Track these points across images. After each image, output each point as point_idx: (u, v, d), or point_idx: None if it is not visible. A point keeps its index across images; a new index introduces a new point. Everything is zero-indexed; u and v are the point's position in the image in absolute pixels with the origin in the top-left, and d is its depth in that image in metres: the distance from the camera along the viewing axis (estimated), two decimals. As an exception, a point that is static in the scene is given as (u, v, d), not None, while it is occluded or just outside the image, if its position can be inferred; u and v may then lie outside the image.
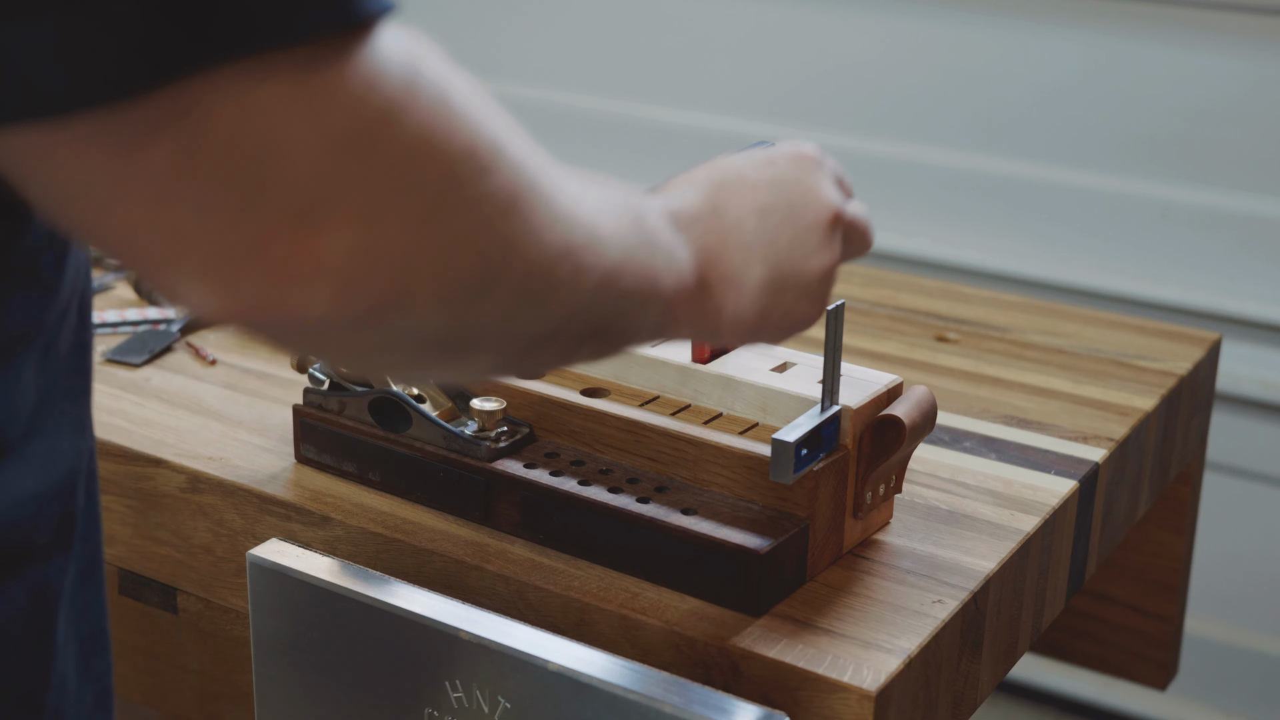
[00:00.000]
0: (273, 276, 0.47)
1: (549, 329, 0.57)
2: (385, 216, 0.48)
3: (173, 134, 0.45)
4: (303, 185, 0.46)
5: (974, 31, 1.99)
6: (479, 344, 0.55)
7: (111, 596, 1.06)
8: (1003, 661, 0.94)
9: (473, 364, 0.57)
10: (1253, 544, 1.96)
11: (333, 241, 0.47)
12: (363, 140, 0.47)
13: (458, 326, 0.53)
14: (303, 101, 0.46)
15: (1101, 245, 1.97)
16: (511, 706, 0.81)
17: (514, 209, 0.52)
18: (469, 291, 0.52)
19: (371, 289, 0.48)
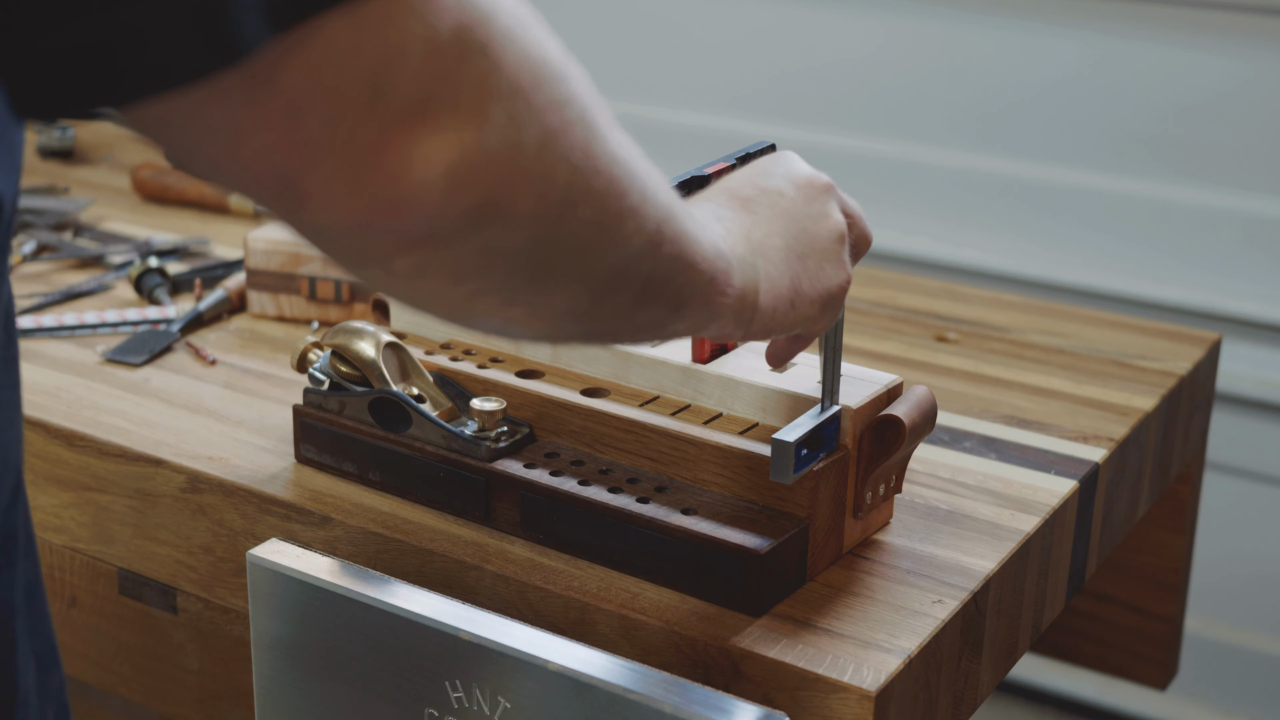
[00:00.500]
0: (394, 170, 0.51)
1: (620, 262, 0.60)
2: (488, 113, 0.52)
3: (297, 61, 0.49)
4: (416, 85, 0.50)
5: (974, 31, 1.99)
6: (563, 272, 0.58)
7: (111, 596, 1.06)
8: (1003, 661, 0.94)
9: (557, 298, 0.60)
10: (1253, 544, 1.96)
11: (444, 136, 0.51)
12: (464, 39, 0.51)
13: (546, 244, 0.56)
14: (406, 7, 0.50)
15: (1101, 245, 1.97)
16: (511, 706, 0.81)
17: (591, 121, 0.57)
18: (558, 201, 0.55)
19: (478, 184, 0.52)
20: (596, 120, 0.57)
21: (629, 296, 0.62)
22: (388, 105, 0.50)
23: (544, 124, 0.54)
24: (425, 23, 0.50)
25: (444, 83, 0.51)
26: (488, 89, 0.52)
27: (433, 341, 1.03)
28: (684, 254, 0.64)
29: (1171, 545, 1.32)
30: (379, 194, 0.51)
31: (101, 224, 1.51)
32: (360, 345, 0.96)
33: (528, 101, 0.53)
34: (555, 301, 0.60)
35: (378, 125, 0.50)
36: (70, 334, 1.22)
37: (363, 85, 0.50)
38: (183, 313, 1.25)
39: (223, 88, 0.48)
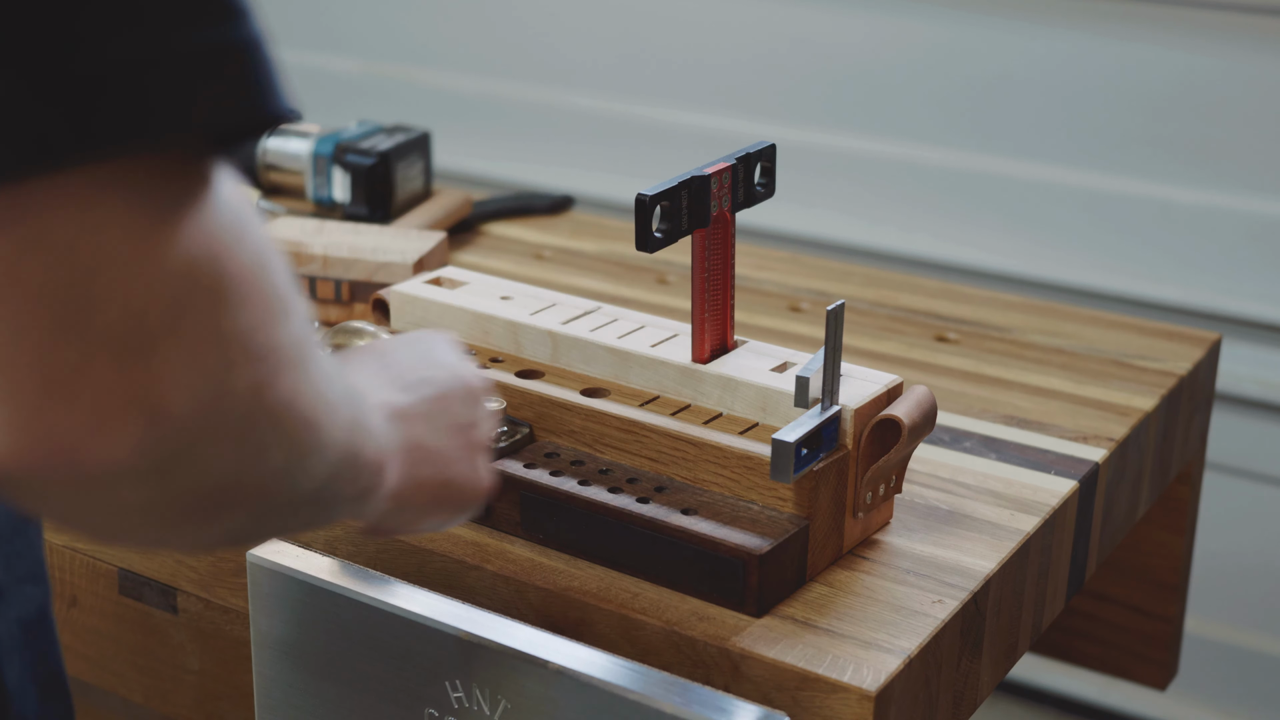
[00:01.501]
0: (85, 409, 0.44)
1: (296, 496, 0.57)
2: (202, 358, 0.47)
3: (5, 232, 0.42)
4: (134, 313, 0.44)
5: (974, 32, 1.99)
6: (236, 507, 0.54)
7: (111, 596, 1.06)
8: (1003, 661, 0.94)
9: (216, 528, 0.55)
10: (1253, 544, 1.96)
11: (151, 375, 0.45)
12: (197, 274, 0.46)
13: (231, 485, 0.52)
14: (148, 222, 0.44)
15: (1101, 245, 1.97)
16: (511, 706, 0.81)
17: (303, 360, 0.53)
18: (253, 449, 0.51)
19: (175, 432, 0.47)
20: (308, 357, 0.53)
21: (294, 509, 0.59)
22: (96, 329, 0.44)
23: (256, 371, 0.50)
24: (162, 245, 0.44)
25: (168, 317, 0.45)
26: (209, 333, 0.47)
27: (433, 341, 1.03)
28: (355, 468, 0.62)
29: (1171, 545, 1.32)
30: (60, 432, 0.45)
31: (101, 224, 1.51)
32: (360, 345, 0.96)
33: (245, 348, 0.49)
34: (217, 529, 0.55)
35: (76, 350, 0.44)
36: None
37: (69, 295, 0.43)
38: None
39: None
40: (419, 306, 1.03)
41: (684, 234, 0.89)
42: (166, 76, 0.42)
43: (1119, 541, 1.14)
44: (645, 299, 1.32)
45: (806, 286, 1.37)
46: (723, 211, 0.91)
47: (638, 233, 0.86)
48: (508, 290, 1.05)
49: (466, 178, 2.33)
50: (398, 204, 1.42)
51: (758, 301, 1.32)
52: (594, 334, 0.97)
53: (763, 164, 0.94)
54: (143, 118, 0.43)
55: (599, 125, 2.27)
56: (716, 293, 0.93)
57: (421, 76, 2.42)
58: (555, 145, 2.32)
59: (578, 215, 1.57)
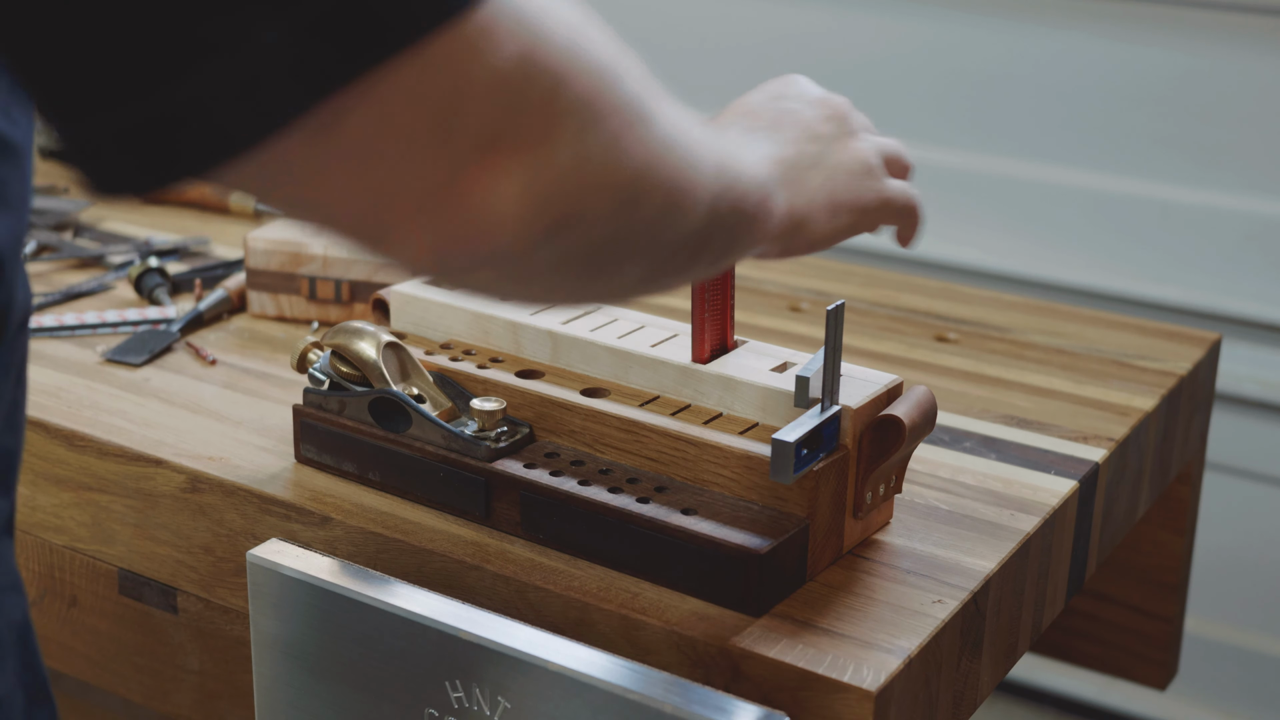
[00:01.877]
0: (468, 206, 0.52)
1: (684, 234, 0.62)
2: (556, 134, 0.53)
3: (364, 106, 0.49)
4: (483, 121, 0.51)
5: (974, 32, 1.99)
6: (631, 255, 0.60)
7: (111, 596, 1.06)
8: (1003, 661, 0.94)
9: (625, 277, 0.62)
10: (1253, 544, 1.96)
11: (516, 165, 0.52)
12: (526, 67, 0.52)
13: (616, 240, 0.58)
14: (468, 47, 0.50)
15: (1101, 245, 1.97)
16: (511, 706, 0.81)
17: (649, 114, 0.58)
18: (625, 201, 0.57)
19: (551, 206, 0.54)
20: (653, 111, 0.58)
21: (689, 254, 0.64)
22: (457, 143, 0.51)
23: (607, 131, 0.55)
24: (487, 57, 0.51)
25: (511, 114, 0.52)
26: (554, 111, 0.53)
27: (433, 342, 1.03)
28: (736, 203, 0.67)
29: (1171, 545, 1.32)
30: (455, 230, 0.53)
31: (101, 224, 1.51)
32: (360, 345, 0.96)
33: (592, 113, 0.55)
34: (623, 278, 0.62)
35: (448, 164, 0.51)
36: (70, 334, 1.22)
37: (431, 126, 0.51)
38: (183, 313, 1.25)
39: (294, 137, 0.49)
40: (419, 306, 1.03)
41: (684, 234, 0.89)
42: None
43: (1119, 541, 1.14)
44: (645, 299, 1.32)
45: (806, 286, 1.37)
46: (723, 211, 0.91)
47: (638, 233, 0.86)
48: (508, 290, 1.05)
49: (466, 178, 2.32)
50: (398, 204, 1.42)
51: (758, 301, 1.32)
52: (594, 334, 0.97)
53: (763, 164, 0.93)
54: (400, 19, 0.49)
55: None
56: (716, 293, 0.93)
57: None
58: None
59: (578, 215, 1.57)
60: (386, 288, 1.07)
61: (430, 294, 1.04)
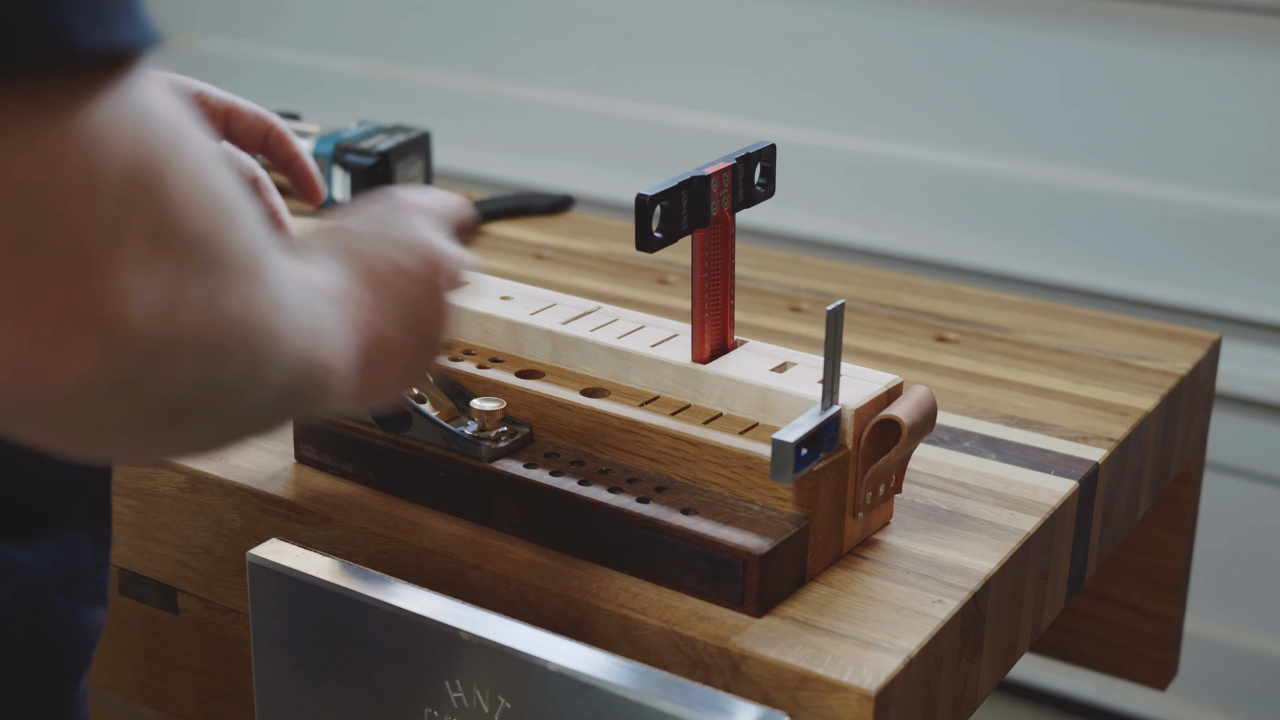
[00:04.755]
0: (43, 329, 0.45)
1: (260, 402, 0.57)
2: (154, 267, 0.47)
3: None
4: (74, 232, 0.44)
5: (974, 32, 1.99)
6: (202, 417, 0.54)
7: (111, 596, 1.06)
8: (1003, 661, 0.94)
9: (189, 435, 0.55)
10: (1253, 544, 1.96)
11: (107, 291, 0.46)
12: (137, 184, 0.46)
13: (193, 396, 0.52)
14: (76, 136, 0.44)
15: (1101, 245, 1.97)
16: (511, 706, 0.81)
17: (257, 267, 0.53)
18: (213, 356, 0.52)
19: (141, 341, 0.48)
20: (262, 264, 0.53)
21: (265, 417, 0.60)
22: (42, 250, 0.44)
23: (210, 281, 0.50)
24: (94, 158, 0.44)
25: (107, 233, 0.45)
26: (158, 243, 0.47)
27: (433, 341, 1.03)
28: (317, 379, 0.61)
29: (1171, 545, 1.32)
30: (20, 351, 0.45)
31: (101, 224, 1.51)
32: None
33: (197, 256, 0.49)
34: (186, 437, 0.56)
35: (23, 274, 0.44)
36: (70, 334, 1.22)
37: (10, 221, 0.43)
38: None
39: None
40: (419, 306, 1.03)
41: (684, 234, 0.89)
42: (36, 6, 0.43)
43: (1119, 541, 1.14)
44: (645, 299, 1.32)
45: (806, 286, 1.37)
46: (723, 211, 0.91)
47: (638, 233, 0.86)
48: (508, 290, 1.05)
49: (466, 178, 2.33)
50: (398, 204, 1.42)
51: (758, 301, 1.32)
52: (594, 334, 0.97)
53: (763, 164, 0.94)
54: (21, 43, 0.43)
55: (599, 125, 2.27)
56: (716, 293, 0.93)
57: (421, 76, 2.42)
58: (555, 145, 2.32)
59: (578, 215, 1.57)
60: (386, 288, 1.07)
61: (430, 294, 1.04)
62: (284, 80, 2.54)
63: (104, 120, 0.45)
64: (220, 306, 0.51)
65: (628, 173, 2.23)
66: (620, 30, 2.24)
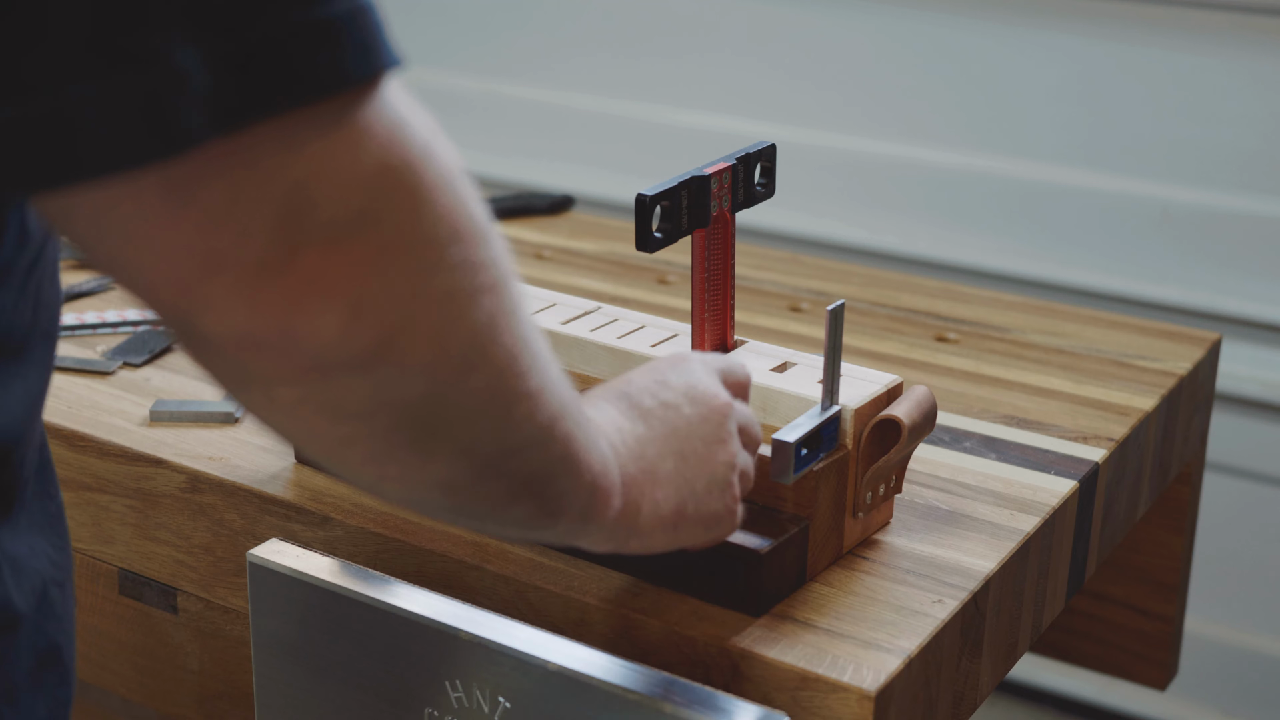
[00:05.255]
0: (296, 293, 0.50)
1: (506, 446, 0.59)
2: (399, 254, 0.51)
3: (223, 169, 0.48)
4: (333, 211, 0.50)
5: (974, 32, 1.99)
6: (446, 438, 0.57)
7: (111, 596, 1.06)
8: (1003, 661, 0.94)
9: (434, 467, 0.58)
10: (1253, 544, 1.96)
11: (353, 268, 0.50)
12: (392, 179, 0.51)
13: (434, 403, 0.55)
14: (339, 140, 0.49)
15: (1101, 245, 1.97)
16: (511, 706, 0.81)
17: (504, 292, 0.56)
18: (454, 360, 0.55)
19: (376, 323, 0.52)
20: (509, 293, 0.57)
21: (507, 486, 0.61)
22: (302, 227, 0.49)
23: (454, 280, 0.54)
24: (358, 154, 0.50)
25: (363, 217, 0.50)
26: (405, 232, 0.51)
27: (433, 341, 1.03)
28: (571, 459, 0.63)
29: (1171, 545, 1.32)
30: (277, 314, 0.50)
31: (101, 224, 1.51)
32: None
33: (442, 254, 0.53)
34: (432, 470, 0.58)
35: (288, 245, 0.49)
36: (70, 334, 1.22)
37: (281, 203, 0.49)
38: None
39: (142, 184, 0.47)
40: (419, 306, 1.03)
41: (684, 234, 0.89)
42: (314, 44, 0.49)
43: (1119, 541, 1.14)
44: (645, 299, 1.32)
45: (806, 286, 1.37)
46: (723, 211, 0.91)
47: (638, 233, 0.86)
48: (508, 290, 1.05)
49: (466, 178, 2.32)
50: (398, 204, 1.42)
51: (758, 301, 1.32)
52: (594, 334, 0.97)
53: (763, 164, 0.94)
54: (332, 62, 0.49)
55: (599, 125, 2.27)
56: (716, 293, 0.93)
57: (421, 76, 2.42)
58: (555, 145, 2.32)
59: (578, 215, 1.57)
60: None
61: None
62: (284, 80, 2.54)
63: (364, 125, 0.50)
64: (463, 308, 0.54)
65: (628, 173, 2.23)
66: (620, 30, 2.24)
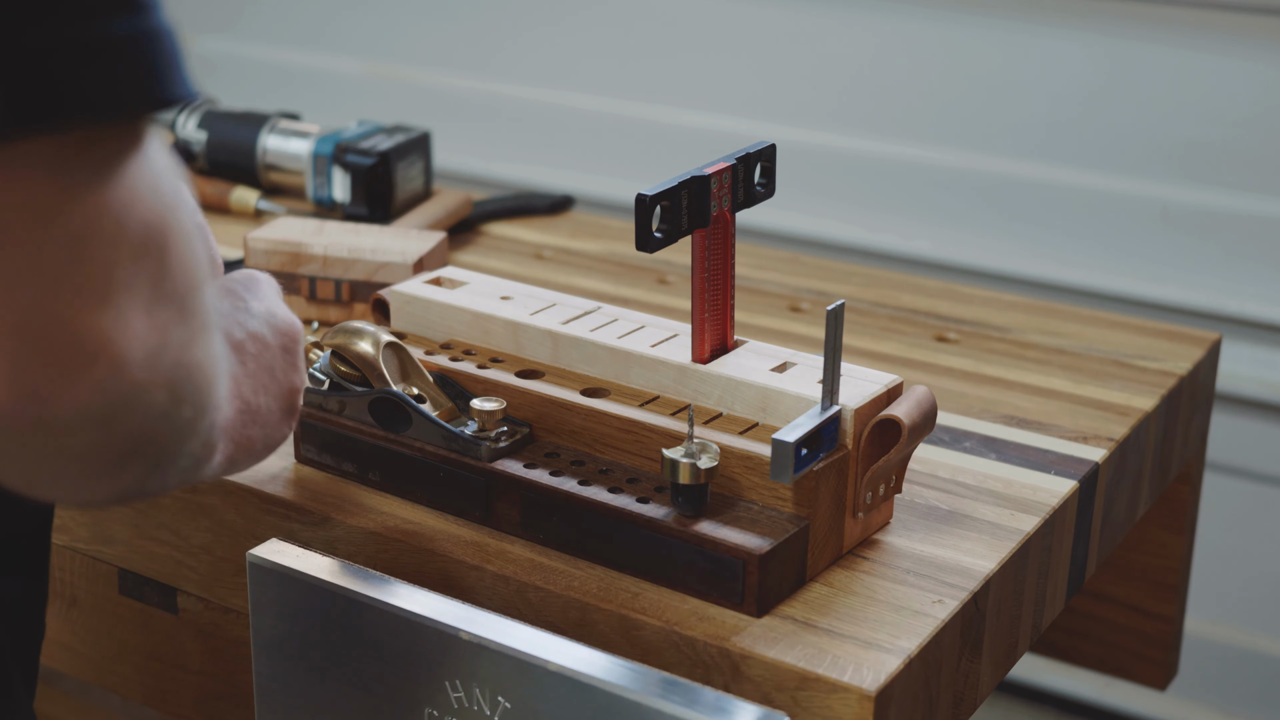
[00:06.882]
0: (58, 355, 0.50)
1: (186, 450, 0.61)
2: (155, 309, 0.53)
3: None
4: (103, 271, 0.50)
5: (974, 32, 1.99)
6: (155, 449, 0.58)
7: (111, 596, 1.06)
8: (1003, 661, 0.94)
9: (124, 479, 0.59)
10: (1253, 544, 1.96)
11: (118, 326, 0.51)
12: (148, 238, 0.52)
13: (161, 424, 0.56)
14: (119, 190, 0.49)
15: (1101, 245, 1.97)
16: (511, 706, 0.81)
17: (214, 325, 0.59)
18: (181, 389, 0.57)
19: (136, 375, 0.53)
20: (215, 324, 0.59)
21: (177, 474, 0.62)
22: (69, 285, 0.49)
23: (189, 329, 0.55)
24: (128, 210, 0.50)
25: (125, 277, 0.51)
26: (158, 292, 0.53)
27: (433, 341, 1.03)
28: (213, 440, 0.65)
29: (1171, 545, 1.32)
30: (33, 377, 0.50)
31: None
32: (360, 345, 0.96)
33: (184, 307, 0.55)
34: (122, 481, 0.59)
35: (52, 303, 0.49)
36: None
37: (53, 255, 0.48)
38: None
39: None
40: (419, 306, 1.03)
41: (684, 234, 0.89)
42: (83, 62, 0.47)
43: (1119, 541, 1.14)
44: (645, 299, 1.32)
45: (806, 286, 1.37)
46: (723, 211, 0.91)
47: (638, 233, 0.86)
48: (508, 290, 1.05)
49: (466, 178, 2.33)
50: (398, 204, 1.42)
51: (758, 301, 1.32)
52: (594, 334, 0.97)
53: (763, 164, 0.94)
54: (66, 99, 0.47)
55: (599, 125, 2.27)
56: (716, 293, 0.93)
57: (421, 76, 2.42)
58: (555, 145, 2.32)
59: (578, 215, 1.57)
60: (386, 288, 1.07)
61: (430, 294, 1.04)
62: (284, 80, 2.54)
63: (136, 176, 0.50)
64: (189, 353, 0.56)
65: (628, 173, 2.23)
66: (620, 30, 2.24)
